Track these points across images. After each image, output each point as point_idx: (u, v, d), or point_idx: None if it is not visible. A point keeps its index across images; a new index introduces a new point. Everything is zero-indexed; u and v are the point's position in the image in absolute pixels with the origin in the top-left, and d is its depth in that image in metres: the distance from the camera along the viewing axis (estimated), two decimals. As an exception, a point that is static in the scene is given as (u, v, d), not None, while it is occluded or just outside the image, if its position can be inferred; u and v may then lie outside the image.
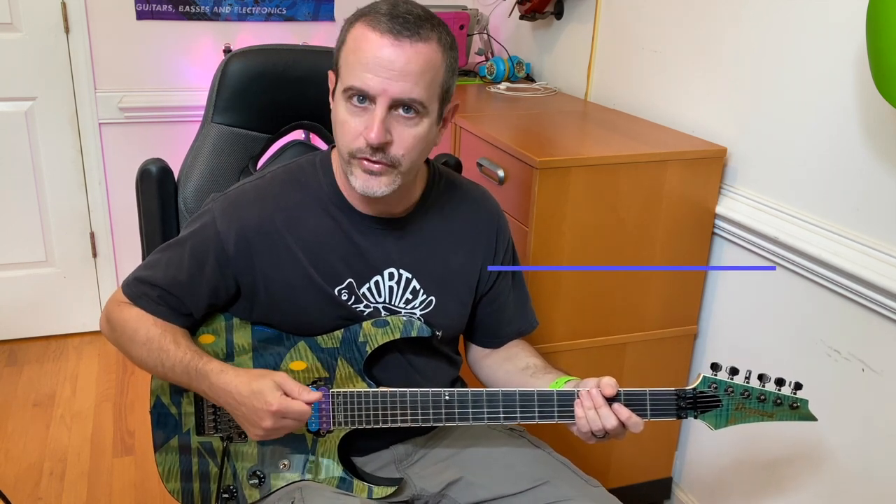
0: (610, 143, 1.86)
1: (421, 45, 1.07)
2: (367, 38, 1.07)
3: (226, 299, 1.23)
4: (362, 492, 1.23)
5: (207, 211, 1.22)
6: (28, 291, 2.88)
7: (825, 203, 1.57)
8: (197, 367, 1.15)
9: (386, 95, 1.07)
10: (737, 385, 1.15)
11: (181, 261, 1.20)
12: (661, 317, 1.88)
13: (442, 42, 1.10)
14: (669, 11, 1.99)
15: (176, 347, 1.17)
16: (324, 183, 1.23)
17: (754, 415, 1.16)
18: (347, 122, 1.10)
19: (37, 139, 2.73)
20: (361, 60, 1.07)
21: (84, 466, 2.25)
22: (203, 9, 2.78)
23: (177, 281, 1.20)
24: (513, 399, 1.17)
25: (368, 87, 1.07)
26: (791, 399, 1.15)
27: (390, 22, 1.06)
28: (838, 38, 1.50)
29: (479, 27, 2.81)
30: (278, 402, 1.08)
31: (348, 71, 1.09)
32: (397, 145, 1.10)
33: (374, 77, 1.06)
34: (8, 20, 2.59)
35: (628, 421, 1.13)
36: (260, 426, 1.10)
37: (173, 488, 1.26)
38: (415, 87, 1.07)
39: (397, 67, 1.06)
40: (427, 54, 1.08)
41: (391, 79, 1.06)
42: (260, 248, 1.19)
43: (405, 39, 1.06)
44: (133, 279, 1.23)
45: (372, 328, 1.22)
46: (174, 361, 1.16)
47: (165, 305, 1.20)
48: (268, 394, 1.09)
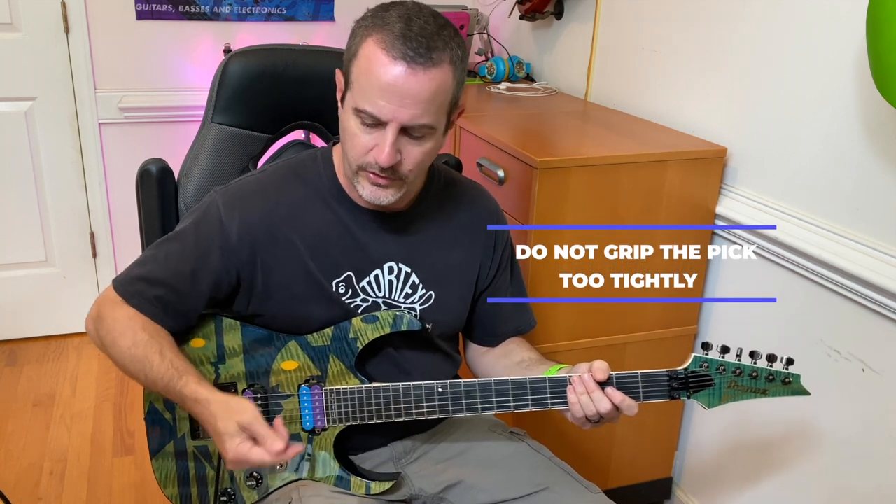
0: (610, 143, 1.86)
1: (434, 72, 1.06)
2: (379, 61, 1.06)
3: (227, 293, 1.21)
4: (360, 489, 1.23)
5: (210, 202, 1.22)
6: (28, 291, 2.88)
7: (825, 203, 1.57)
8: (175, 388, 1.12)
9: (397, 121, 1.08)
10: (728, 363, 1.16)
11: (184, 252, 1.19)
12: (661, 317, 1.88)
13: (454, 60, 1.09)
14: (669, 11, 1.99)
15: (160, 360, 1.12)
16: (325, 177, 1.24)
17: (747, 392, 1.16)
18: (357, 136, 1.11)
19: (37, 139, 2.73)
20: (374, 84, 1.06)
21: (84, 466, 2.25)
22: (203, 9, 2.78)
23: (179, 272, 1.18)
24: (505, 388, 1.17)
25: (381, 113, 1.07)
26: (783, 374, 1.15)
27: (404, 46, 1.05)
28: (838, 38, 1.50)
29: (479, 27, 2.81)
30: (234, 453, 1.05)
31: (360, 92, 1.09)
32: (406, 163, 1.12)
33: (387, 104, 1.06)
34: (8, 20, 2.59)
35: (622, 404, 1.13)
36: (225, 457, 1.08)
37: (171, 494, 1.26)
38: (425, 114, 1.08)
39: (410, 95, 1.06)
40: (439, 79, 1.08)
41: (403, 106, 1.06)
42: (262, 240, 1.20)
43: (419, 67, 1.05)
44: (126, 277, 1.19)
45: (361, 324, 1.22)
46: (155, 374, 1.12)
47: (159, 305, 1.17)
48: (227, 440, 1.06)
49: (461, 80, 1.13)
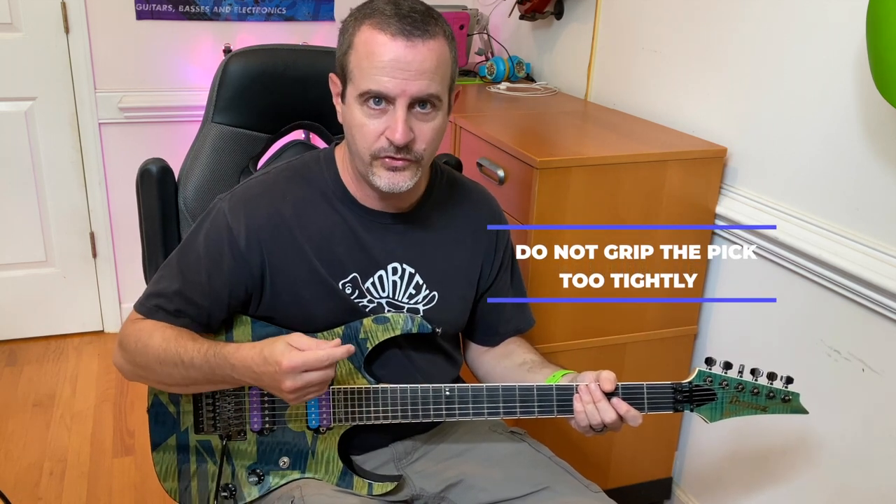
0: (610, 143, 1.86)
1: (432, 42, 1.09)
2: (378, 41, 1.08)
3: (244, 298, 1.22)
4: (362, 489, 1.23)
5: (216, 210, 1.22)
6: (28, 291, 2.88)
7: (825, 203, 1.57)
8: (216, 352, 1.12)
9: (405, 95, 1.09)
10: (731, 379, 1.18)
11: (197, 262, 1.20)
12: (661, 317, 1.88)
13: (447, 35, 1.13)
14: (669, 11, 1.99)
15: (193, 342, 1.15)
16: (328, 178, 1.24)
17: (748, 408, 1.19)
18: (365, 124, 1.11)
19: (37, 139, 2.73)
20: (376, 64, 1.08)
21: (84, 466, 2.25)
22: (203, 9, 2.78)
23: (196, 283, 1.18)
24: (512, 394, 1.18)
25: (387, 89, 1.08)
26: (783, 392, 1.18)
27: (399, 23, 1.07)
28: (838, 38, 1.50)
29: (479, 27, 2.81)
30: (287, 360, 1.04)
31: (362, 75, 1.10)
32: (419, 140, 1.13)
33: (392, 80, 1.08)
34: (8, 20, 2.59)
35: (626, 415, 1.14)
36: (282, 389, 1.06)
37: (171, 488, 1.26)
38: (431, 84, 1.10)
39: (414, 67, 1.08)
40: (438, 50, 1.10)
41: (409, 79, 1.08)
42: (270, 243, 1.20)
43: (417, 39, 1.08)
44: (145, 297, 1.22)
45: (372, 325, 1.22)
46: (192, 354, 1.13)
47: (182, 317, 1.18)
48: (277, 354, 1.05)
49: (455, 58, 1.16)
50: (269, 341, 1.10)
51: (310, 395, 1.09)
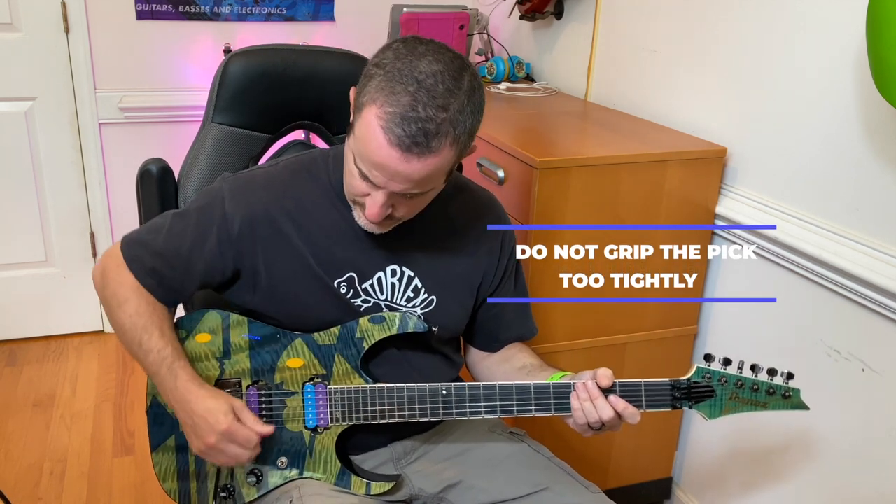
0: (610, 143, 1.86)
1: (430, 159, 1.04)
2: (376, 140, 1.03)
3: (220, 282, 1.23)
4: (360, 488, 1.23)
5: (218, 189, 1.22)
6: (28, 291, 2.88)
7: (825, 203, 1.57)
8: (172, 364, 1.16)
9: (388, 189, 1.08)
10: (730, 375, 1.17)
11: (184, 232, 1.20)
12: (660, 317, 1.88)
13: (457, 138, 1.05)
14: (669, 11, 1.99)
15: (160, 335, 1.17)
16: (333, 178, 1.24)
17: (748, 405, 1.17)
18: (354, 176, 1.11)
19: (37, 139, 2.73)
20: (369, 157, 1.05)
21: (84, 466, 2.25)
22: (203, 9, 2.78)
23: (177, 252, 1.19)
24: (509, 392, 1.17)
25: (374, 180, 1.07)
26: (783, 388, 1.16)
27: (404, 130, 1.01)
28: (838, 38, 1.50)
29: (479, 27, 2.81)
30: (228, 424, 1.12)
31: (357, 147, 1.07)
32: (398, 211, 1.14)
33: (379, 175, 1.06)
34: (8, 20, 2.59)
35: (624, 412, 1.13)
36: (203, 441, 1.13)
37: (170, 488, 1.26)
38: (417, 186, 1.08)
39: (402, 177, 1.05)
40: (434, 164, 1.05)
41: (394, 180, 1.06)
42: (263, 234, 1.20)
43: (414, 156, 1.03)
44: (134, 240, 1.22)
45: (368, 324, 1.22)
46: (152, 346, 1.16)
47: (155, 278, 1.19)
48: (220, 414, 1.12)
49: (467, 143, 1.09)
50: (216, 392, 1.16)
51: (218, 460, 1.16)
